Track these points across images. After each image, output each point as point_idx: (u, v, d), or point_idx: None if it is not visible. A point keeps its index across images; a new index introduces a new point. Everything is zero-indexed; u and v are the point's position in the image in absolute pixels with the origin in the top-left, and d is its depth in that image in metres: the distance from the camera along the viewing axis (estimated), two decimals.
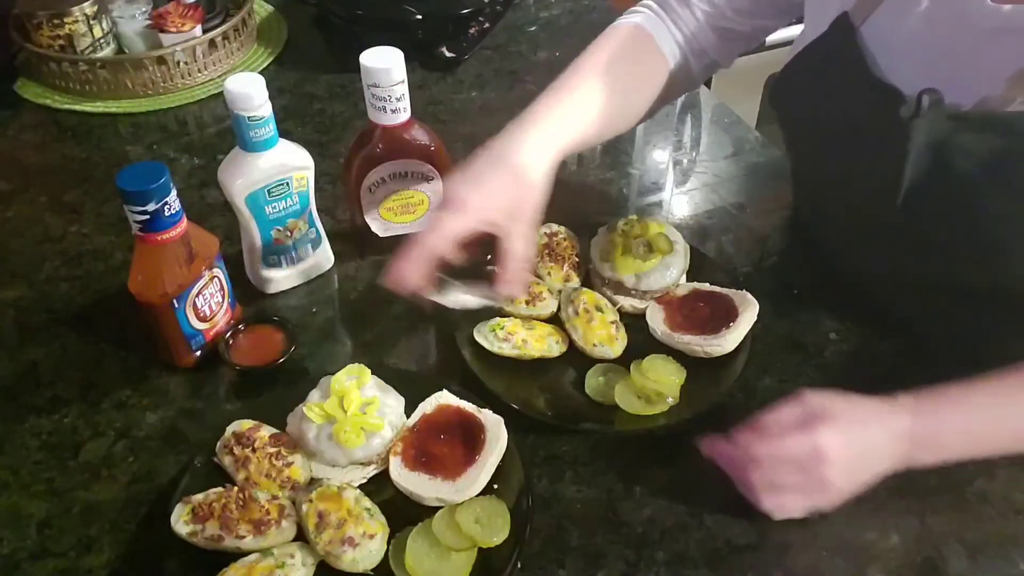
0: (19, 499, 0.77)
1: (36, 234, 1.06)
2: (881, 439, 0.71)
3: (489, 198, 0.77)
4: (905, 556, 0.72)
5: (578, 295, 0.90)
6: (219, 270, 0.87)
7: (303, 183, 0.91)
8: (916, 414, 0.71)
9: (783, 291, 0.97)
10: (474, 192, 0.77)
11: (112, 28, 1.31)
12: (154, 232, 0.78)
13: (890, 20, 0.77)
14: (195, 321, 0.85)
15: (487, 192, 0.77)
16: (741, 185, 1.14)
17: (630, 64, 0.93)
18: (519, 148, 0.80)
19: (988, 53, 0.71)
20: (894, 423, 0.71)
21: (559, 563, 0.72)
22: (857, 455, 0.70)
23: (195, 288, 0.83)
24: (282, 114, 1.22)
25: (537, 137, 0.82)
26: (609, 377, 0.85)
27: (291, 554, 0.69)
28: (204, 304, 0.85)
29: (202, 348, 0.88)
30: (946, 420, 0.72)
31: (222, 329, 0.88)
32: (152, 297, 0.81)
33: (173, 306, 0.82)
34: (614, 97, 0.89)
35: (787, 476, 0.70)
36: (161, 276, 0.80)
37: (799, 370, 0.88)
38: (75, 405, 0.85)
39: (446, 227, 0.75)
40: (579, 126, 0.86)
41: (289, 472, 0.75)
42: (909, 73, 0.76)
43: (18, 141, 1.23)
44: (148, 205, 0.76)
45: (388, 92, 0.88)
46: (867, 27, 0.79)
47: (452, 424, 0.78)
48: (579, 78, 0.89)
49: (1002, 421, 0.72)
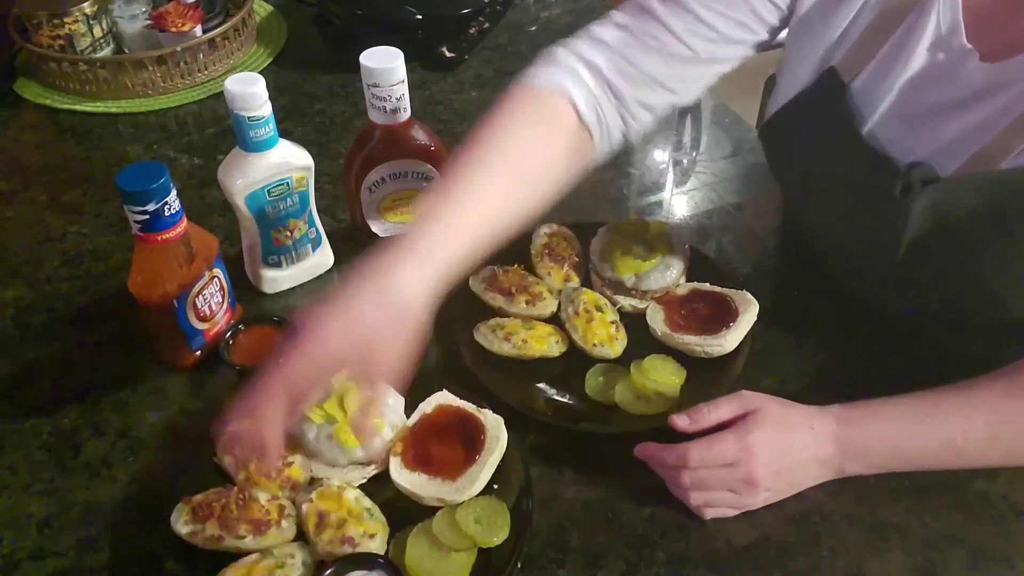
0: (19, 499, 0.77)
1: (36, 234, 1.06)
2: (805, 440, 0.72)
3: (358, 337, 0.63)
4: (905, 556, 0.72)
5: (578, 295, 0.90)
6: (219, 270, 0.87)
7: (303, 183, 0.91)
8: (841, 420, 0.72)
9: (783, 291, 0.97)
10: (342, 327, 0.63)
11: (112, 28, 1.31)
12: (154, 232, 0.78)
13: (880, 78, 0.77)
14: (195, 321, 0.85)
15: (358, 332, 0.63)
16: (741, 185, 1.14)
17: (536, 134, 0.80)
18: (402, 282, 0.66)
19: (979, 110, 0.71)
20: (818, 425, 0.72)
21: (559, 563, 0.72)
22: (781, 454, 0.71)
23: (195, 288, 0.83)
24: (282, 114, 1.22)
25: (424, 268, 0.67)
26: (609, 377, 0.85)
27: (291, 554, 0.69)
28: (204, 304, 0.85)
29: (202, 348, 0.88)
30: (871, 428, 0.72)
31: (222, 328, 0.89)
32: (152, 297, 0.81)
33: (173, 306, 0.82)
34: (517, 188, 0.76)
35: (714, 473, 0.71)
36: (161, 276, 0.80)
37: (799, 370, 0.88)
38: (75, 405, 0.85)
39: (300, 366, 0.62)
40: (474, 243, 0.71)
41: (289, 472, 0.75)
42: (898, 133, 0.76)
43: (18, 141, 1.23)
44: (148, 205, 0.75)
45: (388, 92, 0.88)
46: (857, 84, 0.79)
47: (452, 424, 0.77)
48: (475, 167, 0.75)
49: (928, 434, 0.72)
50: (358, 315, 0.63)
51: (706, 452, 0.71)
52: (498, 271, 0.93)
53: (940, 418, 0.72)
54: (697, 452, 0.71)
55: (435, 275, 0.68)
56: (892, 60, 0.76)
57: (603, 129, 0.83)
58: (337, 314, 0.63)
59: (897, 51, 0.76)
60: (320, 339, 0.62)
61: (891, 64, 0.76)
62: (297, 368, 0.61)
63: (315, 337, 0.62)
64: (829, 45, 0.80)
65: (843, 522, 0.74)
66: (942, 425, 0.72)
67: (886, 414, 0.73)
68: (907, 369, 0.77)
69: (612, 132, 0.84)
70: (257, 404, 0.61)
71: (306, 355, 0.62)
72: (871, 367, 0.88)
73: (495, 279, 0.92)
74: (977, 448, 0.72)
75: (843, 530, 0.74)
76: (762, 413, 0.72)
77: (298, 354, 0.61)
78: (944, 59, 0.73)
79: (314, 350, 0.62)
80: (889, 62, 0.76)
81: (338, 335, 0.62)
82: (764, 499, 0.73)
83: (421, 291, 0.66)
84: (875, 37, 0.77)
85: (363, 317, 0.63)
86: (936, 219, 0.73)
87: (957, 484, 0.77)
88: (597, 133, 0.83)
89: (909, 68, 0.75)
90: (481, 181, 0.74)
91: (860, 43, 0.78)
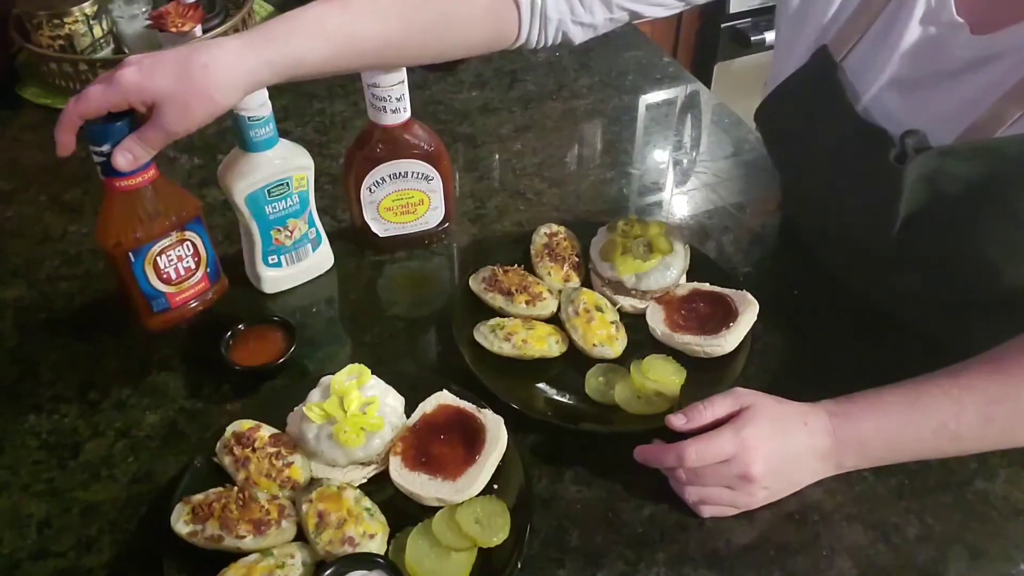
0: (19, 499, 0.77)
1: (36, 234, 1.06)
2: (800, 435, 0.72)
3: (154, 89, 0.71)
4: (905, 556, 0.72)
5: (578, 295, 0.90)
6: (195, 234, 0.85)
7: (303, 183, 0.91)
8: (833, 414, 0.73)
9: (783, 291, 0.97)
10: (143, 78, 0.71)
11: (112, 28, 1.31)
12: (113, 177, 0.77)
13: (872, 54, 0.78)
14: (155, 281, 0.84)
15: (157, 84, 0.71)
16: (741, 185, 1.14)
17: None
18: (214, 58, 0.72)
19: (972, 82, 0.72)
20: (811, 420, 0.72)
21: (559, 563, 0.72)
22: (777, 449, 0.72)
23: (157, 246, 0.82)
24: (282, 114, 1.23)
25: (243, 51, 0.74)
26: (609, 377, 0.85)
27: (291, 554, 0.68)
28: (168, 265, 0.84)
29: (165, 310, 0.86)
30: (863, 420, 0.72)
31: (191, 296, 0.88)
32: (106, 244, 0.80)
33: (129, 259, 0.81)
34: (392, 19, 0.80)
35: (711, 469, 0.71)
36: (117, 224, 0.80)
37: (799, 370, 0.88)
38: (75, 405, 0.85)
39: (94, 96, 0.71)
40: (308, 43, 0.77)
41: (289, 472, 0.75)
42: (892, 106, 0.77)
43: (18, 141, 1.23)
44: (104, 146, 0.75)
45: (388, 92, 0.88)
46: (849, 61, 0.79)
47: (452, 424, 0.77)
48: None
49: (920, 420, 0.72)
50: (160, 73, 0.71)
51: (703, 449, 0.71)
52: (498, 271, 0.93)
53: (930, 403, 0.72)
54: (694, 450, 0.71)
55: (256, 65, 0.74)
56: (884, 36, 0.77)
57: (535, 10, 0.85)
58: (143, 66, 0.72)
59: (888, 26, 0.76)
60: (115, 81, 0.71)
61: (883, 39, 0.77)
62: (86, 103, 0.72)
63: (111, 80, 0.71)
64: (821, 25, 0.81)
65: (843, 522, 0.74)
66: (933, 410, 0.72)
67: (877, 405, 0.73)
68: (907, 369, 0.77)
69: (548, 20, 0.86)
70: (58, 136, 0.73)
71: (105, 81, 0.72)
72: (871, 367, 0.87)
73: (495, 279, 0.92)
74: (972, 431, 0.71)
75: (843, 530, 0.74)
76: (756, 409, 0.72)
77: (89, 91, 0.72)
78: (935, 32, 0.74)
79: (112, 81, 0.71)
80: (881, 38, 0.77)
81: (134, 82, 0.71)
82: (763, 498, 0.73)
83: (232, 77, 0.73)
84: (866, 13, 0.78)
85: (161, 78, 0.71)
86: (931, 191, 0.74)
87: (957, 484, 0.77)
88: (527, 10, 0.85)
89: (901, 43, 0.75)
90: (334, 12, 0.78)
91: (851, 20, 0.79)
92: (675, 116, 1.28)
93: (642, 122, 1.27)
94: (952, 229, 0.75)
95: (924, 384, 0.73)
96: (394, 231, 1.00)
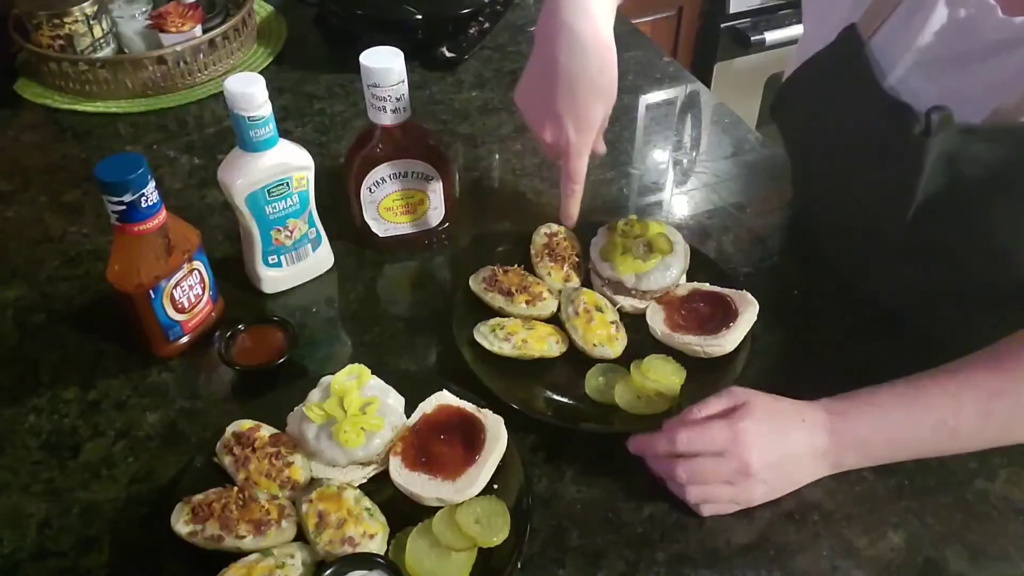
0: (19, 499, 0.77)
1: (36, 234, 1.06)
2: (798, 432, 0.72)
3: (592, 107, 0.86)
4: (905, 556, 0.72)
5: (578, 295, 0.90)
6: (200, 263, 0.87)
7: (303, 183, 0.91)
8: (831, 411, 0.73)
9: (783, 291, 0.97)
10: None
11: (112, 28, 1.31)
12: (131, 223, 0.78)
13: (900, 34, 0.77)
14: (172, 312, 0.85)
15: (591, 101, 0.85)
16: (741, 185, 1.14)
17: None
18: (595, 20, 0.81)
19: (1001, 64, 0.71)
20: (809, 417, 0.72)
21: (559, 563, 0.72)
22: (774, 444, 0.72)
23: (173, 280, 0.84)
24: (282, 114, 1.23)
25: None
26: (609, 377, 0.85)
27: (291, 554, 0.68)
28: (182, 296, 0.85)
29: (180, 338, 0.88)
30: (862, 417, 0.72)
31: (202, 320, 0.89)
32: (128, 287, 0.82)
33: (149, 296, 0.83)
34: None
35: (709, 464, 0.71)
36: (137, 267, 0.81)
37: (799, 370, 0.88)
38: (75, 405, 0.85)
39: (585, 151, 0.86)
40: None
41: (289, 472, 0.75)
42: (919, 86, 0.76)
43: (18, 141, 1.23)
44: (124, 196, 0.76)
45: (388, 92, 0.88)
46: (876, 40, 0.79)
47: (452, 424, 0.77)
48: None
49: (919, 417, 0.72)
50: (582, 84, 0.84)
51: (694, 435, 0.71)
52: (498, 271, 0.93)
53: (928, 400, 0.72)
54: (685, 434, 0.71)
55: None
56: (911, 15, 0.76)
57: None
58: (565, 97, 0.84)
59: (916, 5, 0.75)
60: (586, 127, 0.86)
61: (910, 19, 0.76)
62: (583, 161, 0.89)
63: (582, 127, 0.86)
64: (848, 4, 0.80)
65: (843, 522, 0.74)
66: (931, 407, 0.72)
67: (875, 402, 0.73)
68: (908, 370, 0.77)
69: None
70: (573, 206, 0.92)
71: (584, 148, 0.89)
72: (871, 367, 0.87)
73: (495, 279, 0.92)
74: (971, 427, 0.71)
75: (843, 530, 0.74)
76: (751, 404, 0.72)
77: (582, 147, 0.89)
78: (964, 13, 0.73)
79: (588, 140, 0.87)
80: (908, 17, 0.76)
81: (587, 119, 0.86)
82: (762, 494, 0.73)
83: (606, 22, 0.82)
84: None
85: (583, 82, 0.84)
86: (950, 173, 0.73)
87: (957, 484, 0.77)
88: None
89: (929, 23, 0.75)
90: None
91: None
92: (675, 116, 1.28)
93: (642, 122, 1.26)
94: (966, 215, 0.74)
95: (922, 381, 0.73)
96: (394, 231, 1.01)
